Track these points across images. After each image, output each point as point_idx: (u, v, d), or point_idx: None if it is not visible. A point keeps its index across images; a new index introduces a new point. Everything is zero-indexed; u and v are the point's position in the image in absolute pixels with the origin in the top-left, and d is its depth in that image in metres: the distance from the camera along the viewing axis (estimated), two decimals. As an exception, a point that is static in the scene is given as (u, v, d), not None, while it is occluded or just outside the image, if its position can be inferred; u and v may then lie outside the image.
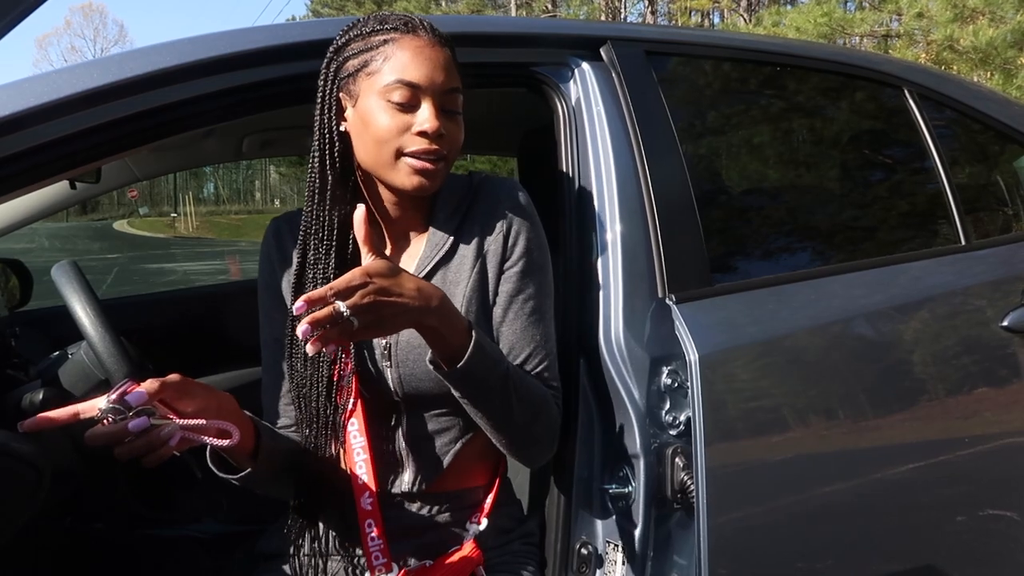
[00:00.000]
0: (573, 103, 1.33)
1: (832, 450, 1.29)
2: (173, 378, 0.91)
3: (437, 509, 1.15)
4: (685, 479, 1.10)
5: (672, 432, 1.14)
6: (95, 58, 1.26)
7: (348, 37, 1.07)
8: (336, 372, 1.10)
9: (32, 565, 1.58)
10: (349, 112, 1.07)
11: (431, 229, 1.13)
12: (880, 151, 1.81)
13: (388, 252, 1.13)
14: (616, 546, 1.16)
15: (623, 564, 1.15)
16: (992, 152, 1.93)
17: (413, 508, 1.14)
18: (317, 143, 1.08)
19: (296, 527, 1.15)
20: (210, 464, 1.04)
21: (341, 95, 1.08)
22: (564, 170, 1.30)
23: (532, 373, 1.11)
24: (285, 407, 1.18)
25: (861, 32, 9.49)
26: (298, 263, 1.10)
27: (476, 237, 1.12)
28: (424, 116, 1.03)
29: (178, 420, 0.90)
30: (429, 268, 1.11)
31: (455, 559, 1.12)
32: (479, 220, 1.13)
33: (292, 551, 1.15)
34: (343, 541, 1.15)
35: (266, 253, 1.20)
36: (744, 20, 16.55)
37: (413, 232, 1.15)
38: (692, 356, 1.13)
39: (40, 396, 1.29)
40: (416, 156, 1.04)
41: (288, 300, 1.13)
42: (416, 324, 0.95)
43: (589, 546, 1.18)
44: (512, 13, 22.72)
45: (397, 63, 1.03)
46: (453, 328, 0.98)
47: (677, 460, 1.11)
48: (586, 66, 1.34)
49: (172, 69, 1.09)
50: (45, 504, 1.09)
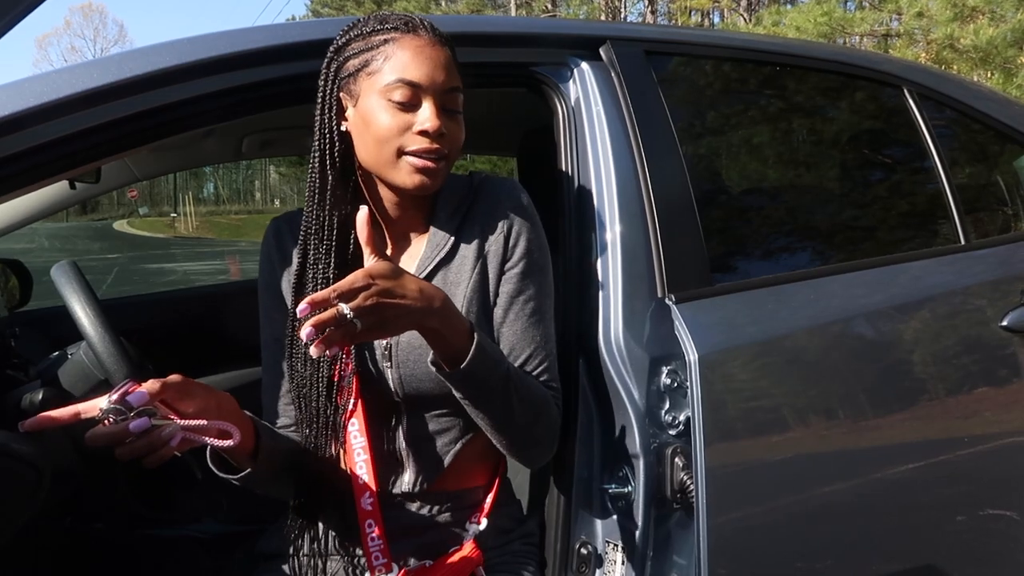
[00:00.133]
0: (573, 103, 1.33)
1: (832, 450, 1.29)
2: (174, 378, 0.91)
3: (437, 509, 1.15)
4: (685, 479, 1.10)
5: (672, 432, 1.14)
6: (95, 58, 1.26)
7: (348, 37, 1.07)
8: (337, 372, 1.10)
9: (32, 565, 1.58)
10: (350, 112, 1.07)
11: (432, 229, 1.13)
12: (880, 151, 1.81)
13: (389, 252, 1.13)
14: (616, 546, 1.16)
15: (623, 564, 1.15)
16: (992, 152, 1.93)
17: (413, 508, 1.14)
18: (318, 143, 1.08)
19: (296, 527, 1.15)
20: (210, 464, 1.04)
21: (342, 95, 1.08)
22: (564, 170, 1.30)
23: (532, 374, 1.11)
24: (285, 407, 1.18)
25: (861, 32, 9.50)
26: (299, 263, 1.10)
27: (477, 238, 1.12)
28: (425, 115, 1.03)
29: (179, 421, 0.90)
30: (430, 268, 1.11)
31: (455, 559, 1.12)
32: (480, 220, 1.13)
33: (292, 551, 1.15)
34: (343, 541, 1.15)
35: (266, 253, 1.20)
36: (744, 20, 16.55)
37: (414, 232, 1.15)
38: (692, 356, 1.13)
39: (40, 396, 1.29)
40: (417, 155, 1.04)
41: (288, 300, 1.13)
42: (418, 325, 0.95)
43: (589, 546, 1.18)
44: (512, 13, 22.71)
45: (398, 62, 1.03)
46: (454, 329, 0.98)
47: (677, 460, 1.11)
48: (586, 66, 1.34)
49: (172, 69, 1.09)
50: (45, 504, 1.09)
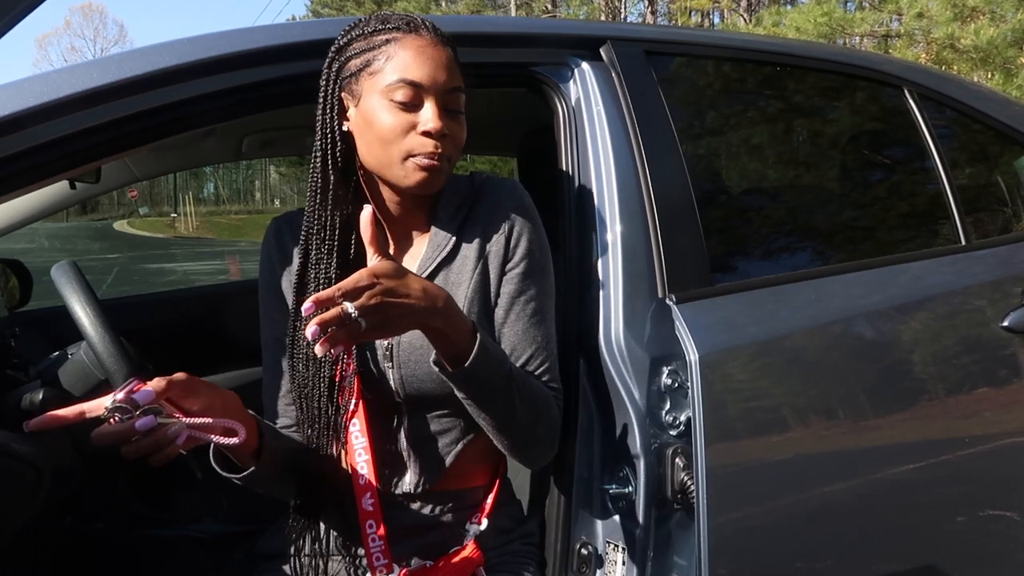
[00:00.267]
0: (573, 103, 1.33)
1: (832, 450, 1.29)
2: (179, 376, 0.91)
3: (438, 509, 1.15)
4: (685, 479, 1.10)
5: (672, 432, 1.14)
6: (95, 58, 1.26)
7: (350, 37, 1.07)
8: (338, 373, 1.10)
9: (32, 565, 1.58)
10: (351, 112, 1.07)
11: (433, 229, 1.13)
12: (880, 151, 1.81)
13: (391, 252, 1.13)
14: (616, 546, 1.16)
15: (623, 564, 1.15)
16: (992, 152, 1.93)
17: (414, 508, 1.14)
18: (319, 143, 1.08)
19: (297, 527, 1.15)
20: (213, 463, 1.04)
21: (343, 95, 1.08)
22: (564, 170, 1.30)
23: (533, 374, 1.11)
24: (286, 407, 1.18)
25: (861, 32, 9.49)
26: (300, 263, 1.10)
27: (478, 238, 1.12)
28: (427, 115, 1.03)
29: (184, 419, 0.90)
30: (431, 269, 1.11)
31: (456, 559, 1.12)
32: (481, 221, 1.13)
33: (293, 551, 1.15)
34: (344, 541, 1.15)
35: (267, 253, 1.20)
36: (744, 20, 16.55)
37: (415, 232, 1.15)
38: (692, 356, 1.13)
39: (40, 396, 1.29)
40: (419, 155, 1.04)
41: (289, 300, 1.13)
42: (421, 325, 0.95)
43: (589, 546, 1.18)
44: (512, 13, 22.71)
45: (399, 62, 1.03)
46: (457, 329, 0.98)
47: (677, 460, 1.11)
48: (586, 66, 1.34)
49: (172, 69, 1.09)
50: (45, 504, 1.09)
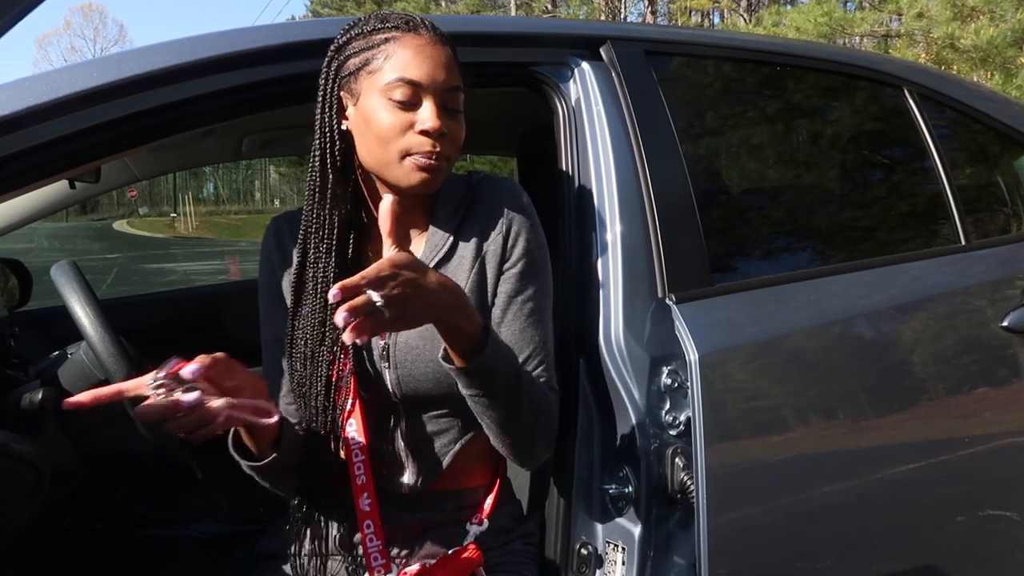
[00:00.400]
0: (573, 103, 1.33)
1: (832, 450, 1.29)
2: (220, 356, 0.91)
3: (437, 509, 1.15)
4: (685, 479, 1.10)
5: (672, 432, 1.14)
6: (95, 58, 1.26)
7: (349, 36, 1.07)
8: (335, 372, 1.10)
9: (32, 565, 1.58)
10: (350, 111, 1.07)
11: (431, 228, 1.13)
12: (880, 151, 1.81)
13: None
14: (616, 546, 1.16)
15: (623, 564, 1.15)
16: (992, 152, 1.93)
17: (413, 509, 1.14)
18: (318, 142, 1.08)
19: (296, 527, 1.15)
20: (232, 451, 1.04)
21: (342, 94, 1.08)
22: (564, 170, 1.30)
23: (531, 374, 1.11)
24: (287, 406, 1.17)
25: (861, 32, 9.50)
26: (298, 262, 1.10)
27: (476, 237, 1.12)
28: (426, 115, 1.03)
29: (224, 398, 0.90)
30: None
31: (455, 560, 1.11)
32: (479, 220, 1.13)
33: (292, 551, 1.15)
34: (343, 541, 1.15)
35: (266, 253, 1.20)
36: (744, 20, 16.55)
37: (413, 231, 1.15)
38: (692, 356, 1.13)
39: (40, 396, 1.29)
40: (418, 155, 1.04)
41: (288, 300, 1.13)
42: (437, 318, 0.95)
43: (589, 546, 1.18)
44: (512, 13, 22.71)
45: (399, 61, 1.03)
46: (470, 323, 0.97)
47: (677, 460, 1.11)
48: (586, 66, 1.34)
49: (172, 69, 1.09)
50: (45, 504, 1.09)
